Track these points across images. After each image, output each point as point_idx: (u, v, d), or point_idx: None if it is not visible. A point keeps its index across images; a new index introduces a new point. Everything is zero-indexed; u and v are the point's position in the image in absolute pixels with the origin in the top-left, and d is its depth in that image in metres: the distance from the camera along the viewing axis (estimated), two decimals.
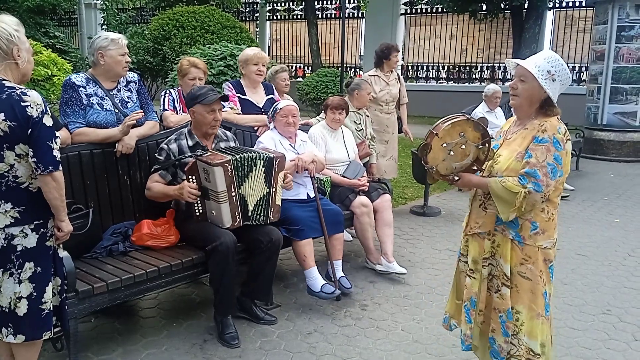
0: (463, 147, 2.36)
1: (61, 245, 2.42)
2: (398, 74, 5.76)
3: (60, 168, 2.21)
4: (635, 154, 9.42)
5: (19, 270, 2.23)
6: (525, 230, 2.33)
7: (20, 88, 2.15)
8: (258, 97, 4.31)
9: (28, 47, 2.26)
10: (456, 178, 2.43)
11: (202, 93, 3.34)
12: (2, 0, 11.60)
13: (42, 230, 2.26)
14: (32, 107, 2.11)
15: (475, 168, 2.42)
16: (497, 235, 2.40)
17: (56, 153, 2.19)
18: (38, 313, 2.27)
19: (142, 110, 3.42)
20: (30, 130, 2.11)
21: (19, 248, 2.22)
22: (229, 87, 4.21)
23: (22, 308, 2.25)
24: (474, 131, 2.36)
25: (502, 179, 2.29)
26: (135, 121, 3.26)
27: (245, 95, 4.23)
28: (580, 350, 3.18)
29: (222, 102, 3.46)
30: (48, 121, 2.17)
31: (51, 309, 2.32)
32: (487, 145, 2.38)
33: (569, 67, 12.88)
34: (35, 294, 2.26)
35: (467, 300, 2.51)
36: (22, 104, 2.11)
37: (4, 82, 2.16)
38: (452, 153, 2.37)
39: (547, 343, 2.38)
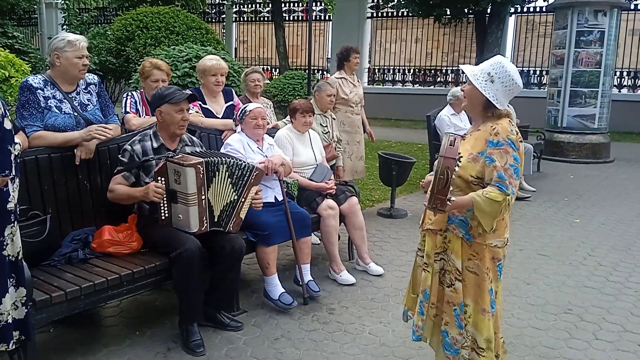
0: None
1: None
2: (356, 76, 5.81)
3: (18, 174, 2.14)
4: (594, 156, 9.72)
5: None
6: (474, 229, 2.38)
7: None
8: (217, 107, 4.26)
9: None
10: (452, 199, 2.26)
11: (170, 92, 3.28)
12: None
13: None
14: None
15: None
16: (448, 232, 2.46)
17: (12, 158, 2.12)
18: None
19: (112, 127, 3.35)
20: None
21: None
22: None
23: None
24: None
25: (484, 192, 2.27)
26: (103, 137, 3.18)
27: (205, 104, 4.17)
28: (543, 350, 3.23)
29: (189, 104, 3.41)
30: (8, 125, 2.09)
31: (10, 320, 2.22)
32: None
33: (530, 71, 13.18)
34: None
35: (420, 292, 2.58)
36: None
37: None
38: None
39: (492, 339, 2.44)
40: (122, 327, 3.38)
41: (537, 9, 14.31)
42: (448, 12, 12.80)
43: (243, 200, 3.31)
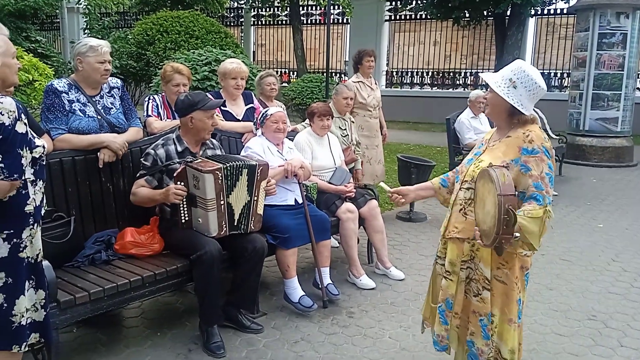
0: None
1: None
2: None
3: (22, 179, 2.13)
4: (617, 159, 9.55)
5: None
6: None
7: None
8: (237, 109, 4.29)
9: (5, 51, 2.18)
10: (517, 235, 2.14)
11: (201, 99, 3.30)
12: None
13: (14, 240, 2.17)
14: (3, 115, 2.04)
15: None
16: (476, 240, 2.39)
17: (24, 162, 2.12)
18: (8, 325, 2.19)
19: (135, 130, 3.44)
20: (0, 137, 2.03)
21: None
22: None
23: None
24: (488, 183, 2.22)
25: (525, 212, 2.17)
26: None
27: (225, 106, 4.20)
28: (566, 357, 3.18)
29: None
30: (21, 128, 2.09)
31: (24, 323, 2.22)
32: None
33: (550, 73, 13.04)
34: (5, 305, 2.18)
35: (442, 301, 2.52)
36: None
37: None
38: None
39: (516, 350, 2.39)
40: (144, 328, 3.41)
41: (558, 11, 14.14)
42: (467, 15, 12.72)
43: (256, 198, 3.32)
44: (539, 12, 14.17)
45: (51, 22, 20.23)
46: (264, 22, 18.36)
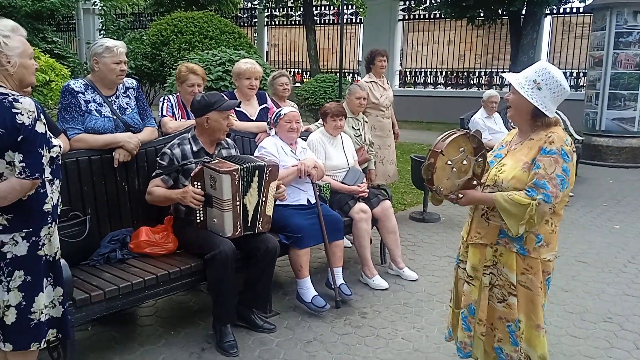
0: (464, 162, 2.32)
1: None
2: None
3: (59, 177, 2.18)
4: (634, 160, 9.43)
5: (8, 279, 2.18)
6: (530, 243, 2.30)
7: (13, 95, 2.11)
8: (251, 109, 4.30)
9: (23, 51, 2.21)
10: (460, 196, 2.37)
11: (218, 100, 3.32)
12: (0, 5, 11.57)
13: (33, 238, 2.21)
14: (22, 115, 2.07)
15: (475, 183, 2.37)
16: (499, 245, 2.37)
17: (44, 161, 2.15)
18: (27, 323, 2.22)
19: (150, 130, 3.48)
20: (21, 137, 2.06)
21: (9, 256, 2.17)
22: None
23: (11, 317, 2.20)
24: (470, 144, 2.34)
25: (509, 193, 2.25)
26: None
27: (239, 106, 4.21)
28: (582, 359, 3.15)
29: None
30: (41, 128, 2.12)
31: (42, 320, 2.25)
32: (484, 158, 2.34)
33: (566, 73, 12.91)
34: (24, 303, 2.21)
35: (464, 307, 2.49)
36: (13, 110, 2.06)
37: None
38: (454, 170, 2.32)
39: (546, 356, 2.36)
40: (158, 327, 3.44)
41: (574, 10, 13.99)
42: (481, 14, 12.63)
43: (264, 199, 3.32)
44: (554, 11, 14.03)
45: (67, 23, 20.44)
46: (277, 23, 18.40)
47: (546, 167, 2.22)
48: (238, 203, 3.16)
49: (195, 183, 3.17)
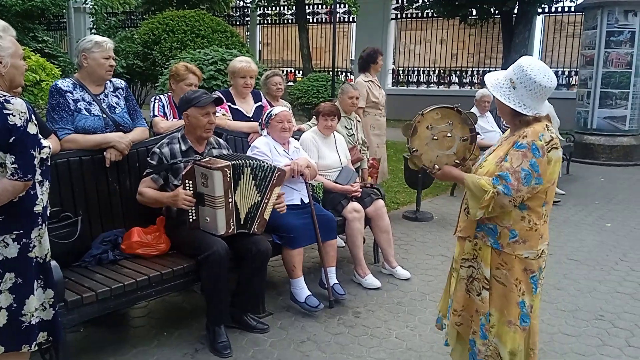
0: (448, 135, 2.42)
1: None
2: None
3: (48, 178, 2.16)
4: (625, 158, 9.50)
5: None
6: (503, 237, 2.32)
7: (4, 96, 2.08)
8: (247, 107, 4.30)
9: (14, 52, 2.19)
10: (437, 167, 2.44)
11: (197, 96, 3.32)
12: None
13: (24, 240, 2.18)
14: (14, 116, 2.04)
15: (457, 162, 2.45)
16: (478, 239, 2.41)
17: (36, 163, 2.13)
18: (17, 325, 2.20)
19: (140, 130, 3.47)
20: (13, 138, 2.04)
21: None
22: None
23: (2, 319, 2.17)
24: (461, 125, 2.42)
25: (478, 177, 2.31)
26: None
27: (235, 104, 4.21)
28: (574, 357, 3.17)
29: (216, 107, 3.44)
30: (32, 129, 2.10)
31: (33, 322, 2.23)
32: (472, 142, 2.40)
33: (558, 71, 12.96)
34: (15, 305, 2.18)
35: (449, 297, 2.56)
36: (5, 112, 2.03)
37: None
38: (435, 138, 2.41)
39: (518, 353, 2.36)
40: (150, 328, 3.42)
41: (566, 9, 14.04)
42: (474, 13, 12.66)
43: (266, 201, 3.31)
44: (546, 10, 14.07)
45: (58, 22, 20.28)
46: (269, 21, 18.36)
47: (513, 160, 2.23)
48: (230, 200, 3.15)
49: (187, 181, 3.15)
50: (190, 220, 3.22)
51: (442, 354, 3.13)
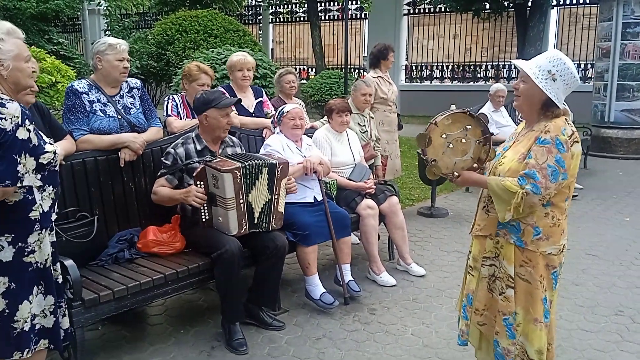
0: (463, 141, 2.38)
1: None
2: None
3: (17, 185, 2.06)
4: None
5: None
6: (527, 235, 2.29)
7: (1, 100, 2.05)
8: (248, 101, 4.34)
9: (17, 55, 2.16)
10: (456, 174, 2.42)
11: (216, 97, 3.32)
12: (5, 8, 11.61)
13: (19, 244, 2.14)
14: (6, 120, 2.00)
15: (475, 166, 2.42)
16: (500, 237, 2.37)
17: (20, 168, 2.04)
18: (8, 331, 2.15)
19: (155, 130, 3.49)
20: (0, 142, 2.00)
21: None
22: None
23: None
24: (474, 127, 2.38)
25: (502, 179, 2.27)
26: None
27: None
28: (593, 353, 3.12)
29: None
30: (22, 134, 2.04)
31: (26, 329, 2.18)
32: (487, 143, 2.36)
33: (574, 64, 12.80)
34: (7, 310, 2.14)
35: (464, 296, 2.52)
36: None
37: None
38: (451, 146, 2.38)
39: (544, 351, 2.33)
40: (167, 326, 3.44)
41: (580, 1, 13.85)
42: (487, 6, 12.55)
43: (276, 196, 3.32)
44: (561, 2, 13.91)
45: (72, 24, 20.51)
46: (282, 20, 18.37)
47: (538, 157, 2.19)
48: (242, 201, 3.16)
49: (199, 182, 3.17)
50: (203, 219, 3.23)
51: (458, 350, 3.10)
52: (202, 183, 3.17)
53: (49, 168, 2.19)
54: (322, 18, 16.71)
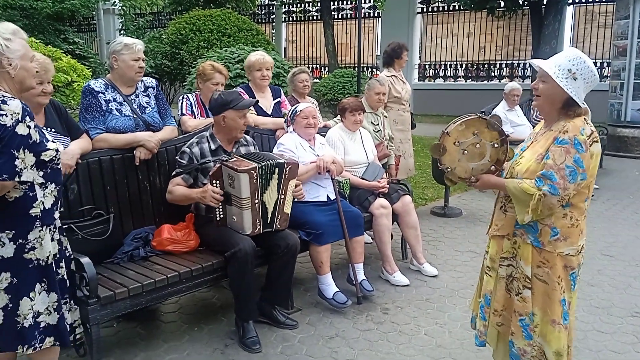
0: (477, 146, 2.37)
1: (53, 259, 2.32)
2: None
3: (15, 180, 2.08)
4: None
5: None
6: (544, 235, 2.27)
7: (4, 97, 2.08)
8: (266, 102, 4.32)
9: (24, 54, 2.18)
10: (474, 179, 2.41)
11: (234, 98, 3.32)
12: (22, 7, 11.76)
13: (20, 241, 2.17)
14: (7, 116, 2.03)
15: (493, 168, 2.40)
16: (517, 237, 2.36)
17: (18, 163, 2.07)
18: (12, 326, 2.19)
19: (170, 129, 3.52)
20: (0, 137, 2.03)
21: None
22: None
23: None
24: (489, 130, 2.37)
25: (520, 180, 2.26)
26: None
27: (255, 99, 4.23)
28: (608, 354, 3.10)
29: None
30: (22, 130, 2.07)
31: (26, 325, 2.21)
32: (504, 144, 2.35)
33: None
34: (10, 305, 2.18)
35: (482, 297, 2.51)
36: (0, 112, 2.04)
37: None
38: (466, 152, 2.37)
39: (563, 353, 2.31)
40: (181, 323, 3.47)
41: None
42: (502, 4, 12.45)
43: (283, 196, 3.32)
44: (577, 0, 13.75)
45: (88, 24, 20.71)
46: (294, 18, 18.38)
47: (556, 157, 2.18)
48: (257, 201, 3.17)
49: (214, 182, 3.18)
50: (218, 218, 3.25)
51: (472, 351, 3.09)
52: (217, 182, 3.18)
53: (51, 165, 2.21)
54: (335, 17, 16.70)
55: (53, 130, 2.94)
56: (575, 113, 2.23)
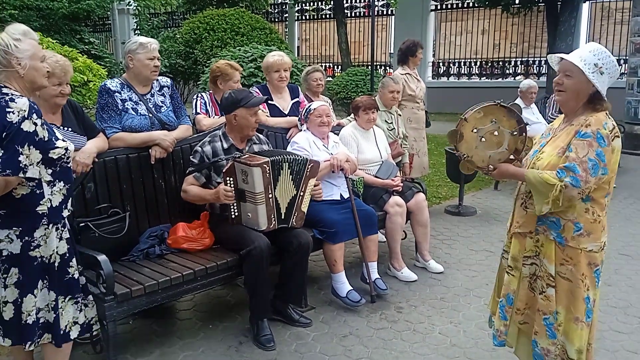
0: (495, 133, 2.36)
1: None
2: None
3: (20, 175, 2.11)
4: None
5: (5, 275, 2.23)
6: (567, 231, 2.25)
7: (12, 95, 2.12)
8: (284, 103, 4.30)
9: (33, 54, 2.21)
10: (491, 168, 2.39)
11: (245, 97, 3.34)
12: (38, 8, 11.90)
13: (26, 238, 2.21)
14: (13, 113, 2.07)
15: (512, 158, 2.38)
16: (539, 235, 2.33)
17: (22, 159, 2.09)
18: (20, 321, 2.24)
19: (184, 127, 3.54)
20: (5, 133, 2.07)
21: (5, 253, 2.21)
22: (257, 92, 4.21)
23: (8, 312, 2.24)
24: (507, 119, 2.36)
25: (540, 171, 2.23)
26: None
27: (271, 100, 4.22)
28: (625, 354, 3.06)
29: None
30: (27, 127, 2.10)
31: (29, 322, 2.25)
32: (523, 133, 2.33)
33: None
34: (19, 300, 2.23)
35: (503, 296, 2.48)
36: (7, 109, 2.07)
37: (2, 88, 2.14)
38: (483, 140, 2.35)
39: (584, 350, 2.29)
40: (196, 321, 3.50)
41: None
42: (517, 1, 12.33)
43: (302, 194, 3.33)
44: None
45: (103, 24, 20.88)
46: (308, 17, 18.38)
47: (578, 150, 2.16)
48: (270, 195, 3.19)
49: (228, 179, 3.20)
50: (232, 216, 3.27)
51: (487, 350, 3.08)
52: (231, 179, 3.20)
53: (60, 164, 2.24)
54: (348, 15, 16.66)
55: (70, 129, 2.98)
56: (602, 107, 2.21)
